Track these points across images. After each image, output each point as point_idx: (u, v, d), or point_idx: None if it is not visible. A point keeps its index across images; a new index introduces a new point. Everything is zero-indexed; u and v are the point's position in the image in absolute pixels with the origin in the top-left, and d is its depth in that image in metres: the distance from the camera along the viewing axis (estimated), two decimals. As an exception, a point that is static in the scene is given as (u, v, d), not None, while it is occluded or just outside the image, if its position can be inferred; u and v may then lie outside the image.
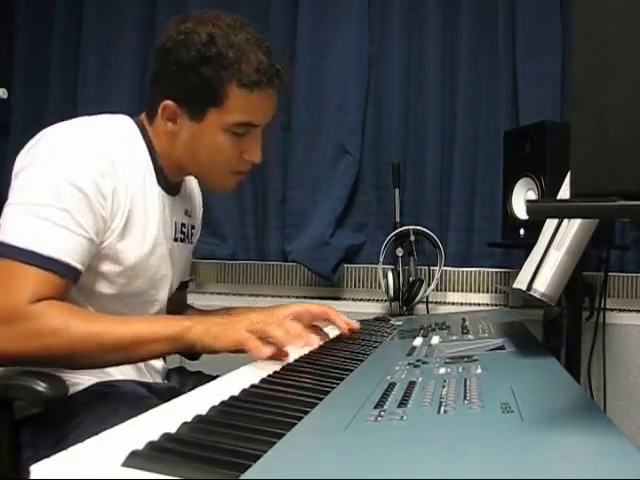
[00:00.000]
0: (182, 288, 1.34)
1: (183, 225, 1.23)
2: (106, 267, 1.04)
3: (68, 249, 0.95)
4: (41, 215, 0.94)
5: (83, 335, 0.92)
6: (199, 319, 1.01)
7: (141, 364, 1.14)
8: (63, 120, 1.06)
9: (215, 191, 1.18)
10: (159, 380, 1.21)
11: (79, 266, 0.96)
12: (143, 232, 1.07)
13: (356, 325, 1.20)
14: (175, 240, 1.19)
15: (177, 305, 1.30)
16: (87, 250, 0.98)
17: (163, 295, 1.18)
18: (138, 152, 1.09)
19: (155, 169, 1.11)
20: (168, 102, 1.06)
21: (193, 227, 1.28)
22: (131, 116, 1.14)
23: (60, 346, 0.91)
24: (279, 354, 0.93)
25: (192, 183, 1.31)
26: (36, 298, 0.91)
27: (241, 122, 1.07)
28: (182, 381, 1.28)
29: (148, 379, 1.17)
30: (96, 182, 0.98)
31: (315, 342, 0.95)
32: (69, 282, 0.96)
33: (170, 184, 1.16)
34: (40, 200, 0.95)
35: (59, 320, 0.92)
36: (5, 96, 2.45)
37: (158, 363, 1.21)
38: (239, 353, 0.94)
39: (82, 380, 1.05)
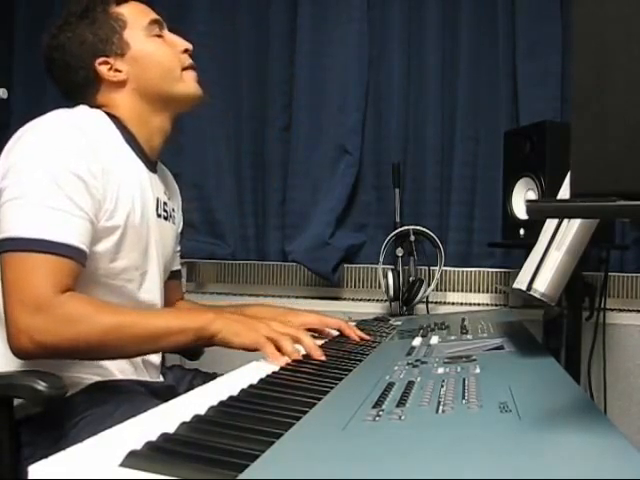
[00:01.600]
0: (173, 277, 1.34)
1: (165, 204, 1.24)
2: (101, 246, 1.05)
3: (76, 233, 0.97)
4: (44, 204, 0.95)
5: (116, 324, 0.95)
6: (220, 312, 1.05)
7: (139, 361, 1.15)
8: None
9: (186, 96, 1.20)
10: (155, 376, 1.21)
11: (84, 247, 0.98)
12: (131, 203, 1.09)
13: (368, 337, 1.20)
14: (159, 216, 1.20)
15: (170, 295, 1.31)
16: (89, 232, 1.00)
17: (153, 269, 1.18)
18: (112, 133, 1.12)
19: (132, 147, 1.14)
20: (98, 59, 1.13)
21: (174, 210, 1.30)
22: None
23: (93, 334, 0.93)
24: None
25: (166, 170, 1.33)
26: (59, 287, 0.93)
27: (149, 20, 1.18)
28: (179, 379, 1.28)
29: (145, 376, 1.17)
30: (88, 165, 1.01)
31: (323, 357, 0.96)
32: (78, 265, 0.98)
33: (149, 160, 1.18)
34: (39, 190, 0.96)
35: (89, 309, 0.95)
36: (5, 96, 2.44)
37: (156, 359, 1.21)
38: (249, 351, 0.97)
39: (81, 379, 1.05)
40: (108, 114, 1.14)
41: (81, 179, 0.99)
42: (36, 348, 0.92)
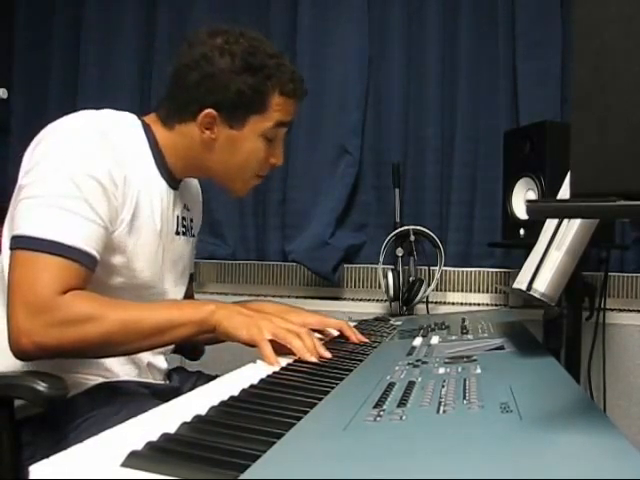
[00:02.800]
0: (188, 281, 1.34)
1: (184, 219, 1.24)
2: (115, 259, 1.05)
3: (88, 238, 0.96)
4: (60, 206, 0.95)
5: (121, 322, 0.94)
6: (223, 304, 1.03)
7: (144, 364, 1.15)
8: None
9: (233, 194, 1.21)
10: (160, 379, 1.21)
11: (96, 254, 0.98)
12: (149, 224, 1.09)
13: (367, 340, 1.18)
14: (177, 234, 1.20)
15: (184, 298, 1.30)
16: (103, 239, 1.00)
17: (170, 287, 1.18)
18: (141, 145, 1.11)
19: (157, 163, 1.12)
20: (209, 111, 1.08)
21: (192, 220, 1.29)
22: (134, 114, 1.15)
23: (96, 334, 0.93)
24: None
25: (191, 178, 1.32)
26: (63, 289, 0.92)
27: (278, 122, 1.12)
28: (182, 381, 1.28)
29: (149, 378, 1.17)
30: (109, 171, 1.00)
31: (327, 355, 0.96)
32: (88, 270, 0.97)
33: (173, 178, 1.16)
34: (58, 191, 0.96)
35: (92, 308, 0.94)
36: (5, 96, 2.45)
37: (162, 364, 1.21)
38: (248, 346, 0.97)
39: (85, 381, 1.05)
40: (148, 131, 1.12)
41: (100, 184, 0.98)
42: (36, 350, 0.92)
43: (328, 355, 0.95)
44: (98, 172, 0.98)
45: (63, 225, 0.95)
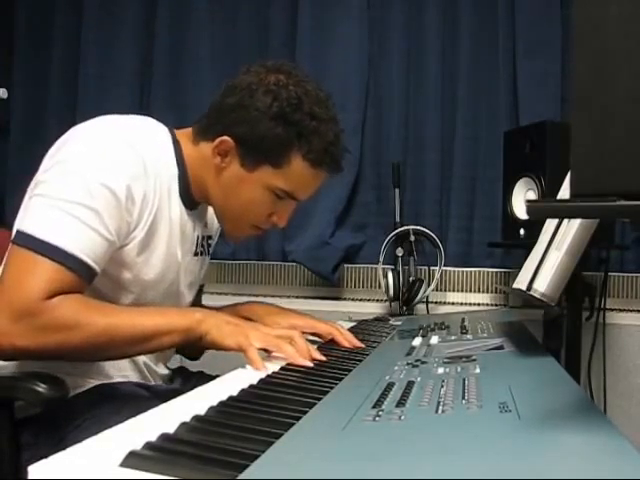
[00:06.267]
0: (197, 292, 1.33)
1: (203, 238, 1.21)
2: (125, 275, 1.03)
3: (88, 248, 0.93)
4: (69, 211, 0.93)
5: (105, 328, 0.92)
6: (211, 312, 1.02)
7: (143, 368, 1.14)
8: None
9: (226, 235, 1.19)
10: (161, 382, 1.20)
11: (95, 266, 0.95)
12: (164, 245, 1.07)
13: (361, 345, 1.14)
14: (195, 255, 1.18)
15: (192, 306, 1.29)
16: (107, 252, 0.97)
17: (178, 305, 1.17)
18: (167, 162, 1.08)
19: (180, 184, 1.09)
20: (228, 139, 1.05)
21: (210, 237, 1.27)
22: (166, 125, 1.13)
23: (79, 339, 0.91)
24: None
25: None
26: (52, 294, 0.90)
27: (289, 191, 1.07)
28: (184, 381, 1.28)
29: (149, 381, 1.16)
30: (128, 186, 0.97)
31: (321, 358, 0.94)
32: (83, 281, 0.94)
33: (193, 200, 1.13)
34: (70, 197, 0.94)
35: (75, 313, 0.91)
36: (5, 96, 2.45)
37: (163, 370, 1.21)
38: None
39: (84, 382, 1.05)
40: (177, 148, 1.09)
41: (115, 196, 0.95)
42: (15, 352, 0.91)
43: (322, 358, 0.93)
44: (116, 184, 0.96)
45: (67, 231, 0.93)
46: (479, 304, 2.15)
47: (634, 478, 0.42)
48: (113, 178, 0.96)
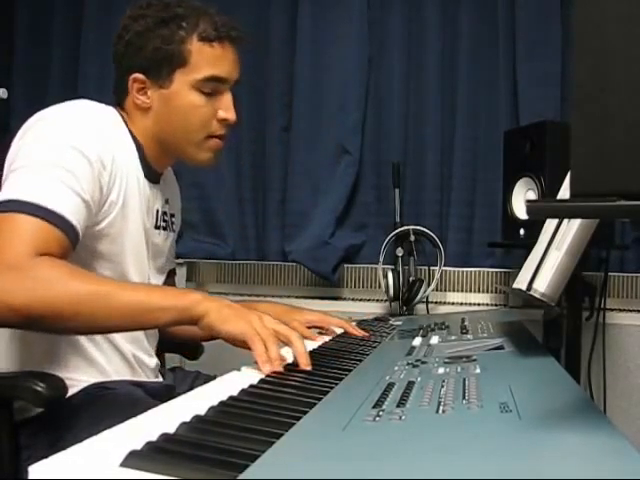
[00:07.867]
0: (169, 276, 1.33)
1: (165, 214, 1.23)
2: (104, 246, 1.04)
3: (71, 208, 0.93)
4: (47, 174, 0.94)
5: (90, 293, 0.88)
6: (211, 296, 0.97)
7: (134, 362, 1.14)
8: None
9: (196, 161, 1.16)
10: (153, 377, 1.20)
11: (79, 228, 0.95)
12: (136, 214, 1.09)
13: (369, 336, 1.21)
14: (157, 228, 1.20)
15: None
16: (85, 216, 0.97)
17: (154, 281, 1.19)
18: (126, 139, 1.11)
19: (139, 157, 1.12)
20: (136, 75, 1.08)
21: (173, 215, 1.29)
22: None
23: (65, 299, 0.87)
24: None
25: (170, 172, 1.32)
26: (40, 251, 0.88)
27: (209, 76, 1.08)
28: (179, 380, 1.28)
29: (142, 377, 1.16)
30: (98, 151, 0.99)
31: (309, 367, 0.88)
32: (70, 243, 0.93)
33: (153, 173, 1.16)
34: (46, 160, 0.95)
35: (65, 273, 0.89)
36: (5, 96, 2.44)
37: (151, 361, 1.20)
38: (238, 347, 0.91)
39: (78, 381, 1.05)
40: (127, 124, 1.12)
41: (87, 160, 0.97)
42: (4, 309, 0.86)
43: (308, 368, 0.86)
44: (86, 149, 0.97)
45: (47, 191, 0.92)
46: (479, 304, 2.15)
47: (634, 478, 0.42)
48: (83, 143, 0.98)
